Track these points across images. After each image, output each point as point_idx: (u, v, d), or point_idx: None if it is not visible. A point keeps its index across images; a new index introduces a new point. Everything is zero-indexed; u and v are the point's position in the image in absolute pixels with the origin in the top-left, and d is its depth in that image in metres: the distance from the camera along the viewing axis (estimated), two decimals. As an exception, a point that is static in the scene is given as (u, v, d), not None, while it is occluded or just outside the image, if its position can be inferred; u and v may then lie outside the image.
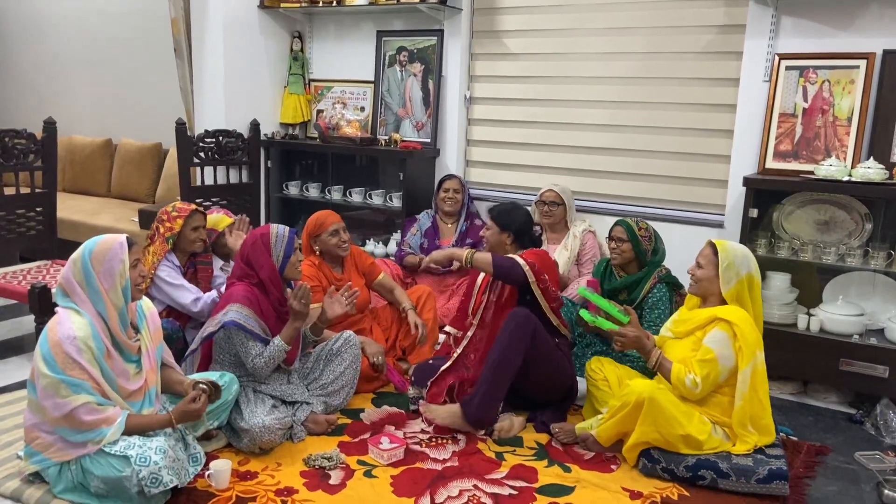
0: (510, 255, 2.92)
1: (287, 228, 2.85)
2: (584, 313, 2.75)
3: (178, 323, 3.08)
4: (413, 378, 3.10)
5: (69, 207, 5.28)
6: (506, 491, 2.46)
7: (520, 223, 3.09)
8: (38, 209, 4.01)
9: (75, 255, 2.28)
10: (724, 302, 2.62)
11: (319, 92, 4.96)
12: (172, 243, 3.11)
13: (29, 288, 3.28)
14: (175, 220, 3.11)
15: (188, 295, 3.08)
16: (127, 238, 2.33)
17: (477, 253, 2.97)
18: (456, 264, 3.64)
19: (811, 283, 3.46)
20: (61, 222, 4.96)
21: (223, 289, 3.03)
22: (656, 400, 2.49)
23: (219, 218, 3.38)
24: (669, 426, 2.49)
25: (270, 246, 2.80)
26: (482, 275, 3.13)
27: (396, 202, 4.46)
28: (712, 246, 2.66)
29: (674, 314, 2.84)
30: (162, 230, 3.11)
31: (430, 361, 3.14)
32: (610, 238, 3.28)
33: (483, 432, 2.82)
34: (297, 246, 2.84)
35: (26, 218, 3.96)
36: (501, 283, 3.00)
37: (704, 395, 2.56)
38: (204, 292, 3.16)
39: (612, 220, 3.90)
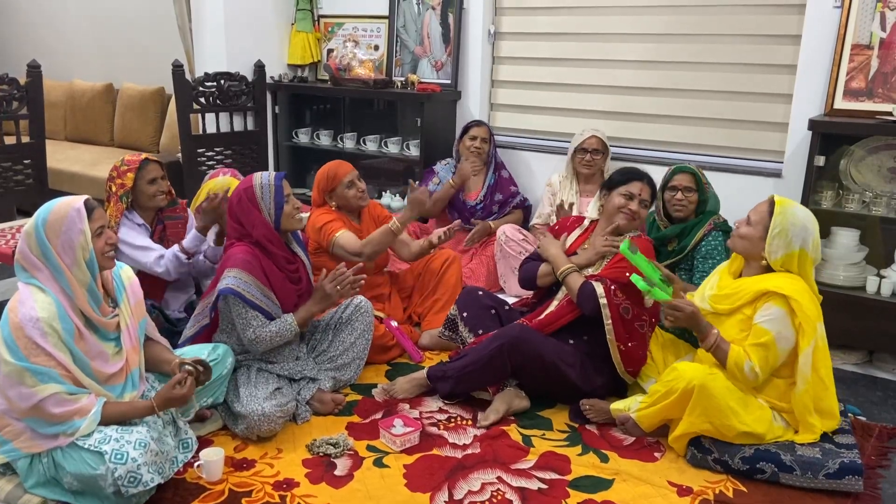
0: (596, 282, 2.55)
1: (273, 175, 2.52)
2: (636, 279, 2.38)
3: (151, 299, 2.75)
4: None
5: (68, 158, 5.04)
6: (534, 485, 2.18)
7: None
8: (25, 161, 3.72)
9: (28, 225, 2.00)
10: (769, 269, 2.31)
11: (329, 29, 4.59)
12: (128, 202, 2.79)
13: (13, 250, 3.01)
14: (125, 174, 2.77)
15: (150, 254, 2.78)
16: (86, 202, 2.03)
17: (575, 273, 2.64)
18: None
19: (883, 240, 3.16)
20: (59, 174, 4.73)
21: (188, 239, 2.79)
22: (708, 388, 2.19)
23: (225, 181, 3.06)
24: (724, 417, 2.21)
25: (257, 200, 2.48)
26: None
27: (414, 151, 4.16)
28: (771, 204, 2.31)
29: (711, 279, 2.50)
30: (114, 189, 2.78)
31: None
32: (672, 188, 3.01)
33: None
34: (288, 192, 2.53)
35: (14, 171, 3.69)
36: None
37: (762, 382, 2.28)
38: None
39: (653, 169, 3.55)
